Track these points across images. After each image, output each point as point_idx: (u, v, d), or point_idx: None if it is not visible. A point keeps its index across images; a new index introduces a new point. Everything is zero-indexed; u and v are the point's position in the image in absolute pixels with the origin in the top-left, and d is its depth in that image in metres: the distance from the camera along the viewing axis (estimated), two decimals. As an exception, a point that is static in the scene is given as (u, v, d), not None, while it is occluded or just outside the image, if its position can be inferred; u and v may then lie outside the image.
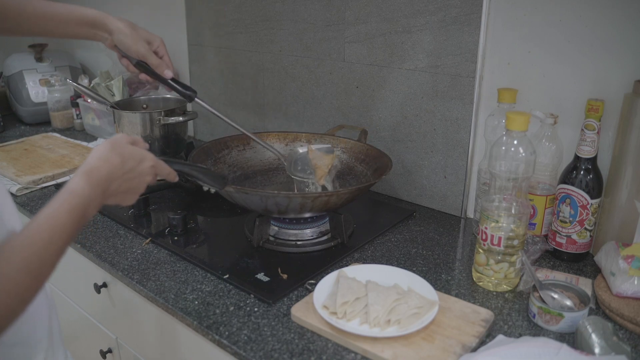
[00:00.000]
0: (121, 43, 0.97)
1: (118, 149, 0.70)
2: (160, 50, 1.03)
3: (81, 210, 0.62)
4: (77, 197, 0.62)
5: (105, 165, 0.67)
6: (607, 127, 0.99)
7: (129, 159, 0.71)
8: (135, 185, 0.73)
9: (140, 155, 0.73)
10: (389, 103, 1.29)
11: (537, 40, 1.05)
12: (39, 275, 0.57)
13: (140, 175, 0.73)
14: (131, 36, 0.97)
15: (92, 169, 0.66)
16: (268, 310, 0.89)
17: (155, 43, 1.02)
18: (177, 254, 1.06)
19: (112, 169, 0.68)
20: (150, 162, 0.75)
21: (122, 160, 0.69)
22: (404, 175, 1.32)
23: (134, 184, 0.73)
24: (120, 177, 0.69)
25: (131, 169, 0.71)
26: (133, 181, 0.72)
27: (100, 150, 0.69)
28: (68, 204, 0.61)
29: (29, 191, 1.38)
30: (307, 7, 1.38)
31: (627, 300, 0.86)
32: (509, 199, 0.90)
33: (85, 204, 0.63)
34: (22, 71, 1.99)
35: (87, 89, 1.53)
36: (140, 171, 0.73)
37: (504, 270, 0.92)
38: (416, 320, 0.81)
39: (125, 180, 0.70)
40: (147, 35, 1.00)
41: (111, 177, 0.68)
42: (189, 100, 1.09)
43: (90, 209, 0.64)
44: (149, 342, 1.11)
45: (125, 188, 0.71)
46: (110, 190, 0.68)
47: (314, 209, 1.00)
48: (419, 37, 1.19)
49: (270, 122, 1.60)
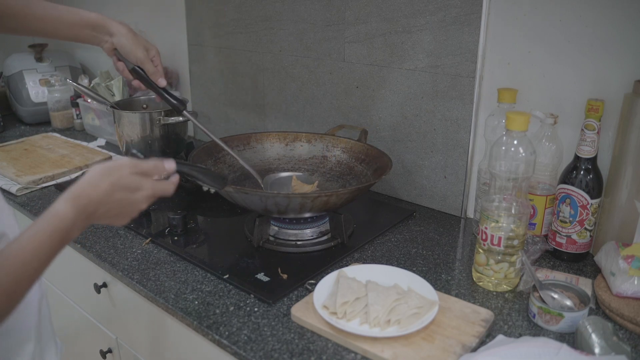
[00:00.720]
0: (122, 46, 0.98)
1: (111, 177, 0.68)
2: (155, 59, 1.04)
3: (63, 234, 0.63)
4: (60, 221, 0.63)
5: (93, 191, 0.66)
6: (607, 127, 0.99)
7: (120, 190, 0.68)
8: (127, 212, 0.71)
9: (135, 185, 0.70)
10: (389, 103, 1.29)
11: (537, 40, 1.05)
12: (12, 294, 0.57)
13: (133, 204, 0.71)
14: (132, 40, 0.98)
15: (80, 194, 0.66)
16: (268, 310, 0.89)
17: (152, 52, 1.03)
18: (177, 254, 1.06)
19: (100, 196, 0.66)
20: (146, 191, 0.72)
21: (112, 190, 0.67)
22: (404, 175, 1.32)
23: (124, 211, 0.71)
24: (106, 204, 0.67)
25: (120, 198, 0.69)
26: (123, 208, 0.70)
27: (92, 174, 0.67)
28: (51, 227, 0.61)
29: (29, 191, 1.38)
30: (307, 7, 1.38)
31: (627, 300, 0.86)
32: (509, 199, 0.90)
33: (67, 228, 0.63)
34: (22, 71, 1.99)
35: (87, 89, 1.53)
36: (132, 200, 0.70)
37: (504, 270, 0.92)
38: (416, 320, 0.81)
39: (112, 208, 0.69)
40: (145, 43, 1.02)
41: (98, 204, 0.67)
42: (178, 112, 1.10)
43: (73, 232, 0.64)
44: (149, 342, 1.11)
45: (115, 213, 0.70)
46: (96, 215, 0.67)
47: (314, 209, 1.00)
48: (419, 37, 1.19)
49: (270, 122, 1.60)
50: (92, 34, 0.98)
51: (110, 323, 1.23)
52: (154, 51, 1.03)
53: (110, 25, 0.97)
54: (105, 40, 0.99)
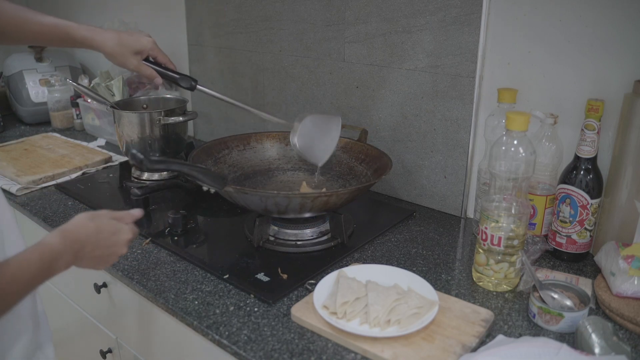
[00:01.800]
0: (112, 59, 1.00)
1: (96, 220, 0.78)
2: (152, 53, 1.04)
3: (50, 261, 0.68)
4: (48, 248, 0.69)
5: (81, 229, 0.75)
6: (607, 127, 0.99)
7: (104, 230, 0.78)
8: (108, 254, 0.80)
9: (116, 228, 0.81)
10: (389, 103, 1.29)
11: (537, 40, 1.05)
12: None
13: (114, 245, 0.80)
14: (119, 54, 1.00)
15: (69, 230, 0.74)
16: (268, 310, 0.89)
17: (145, 51, 1.03)
18: (177, 254, 1.06)
19: (87, 234, 0.75)
20: (126, 235, 0.82)
21: (97, 230, 0.77)
22: (404, 175, 1.32)
23: (106, 252, 0.79)
24: (93, 243, 0.76)
25: (105, 238, 0.78)
26: (106, 249, 0.79)
27: (81, 217, 0.77)
28: (39, 253, 0.67)
29: (29, 191, 1.38)
30: (307, 7, 1.38)
31: (627, 300, 0.86)
32: (509, 199, 0.90)
33: (54, 257, 0.69)
34: (22, 71, 1.99)
35: (87, 89, 1.53)
36: (114, 241, 0.80)
37: (504, 270, 0.92)
38: (416, 320, 0.81)
39: (97, 247, 0.77)
40: (134, 45, 1.01)
41: (85, 241, 0.75)
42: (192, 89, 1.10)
43: (60, 263, 0.70)
44: (149, 342, 1.11)
45: (98, 254, 0.78)
46: (82, 253, 0.74)
47: (314, 209, 1.00)
48: (419, 37, 1.19)
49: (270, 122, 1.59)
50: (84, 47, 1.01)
51: (110, 323, 1.23)
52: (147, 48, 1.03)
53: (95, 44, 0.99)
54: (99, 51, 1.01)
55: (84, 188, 1.39)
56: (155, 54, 1.04)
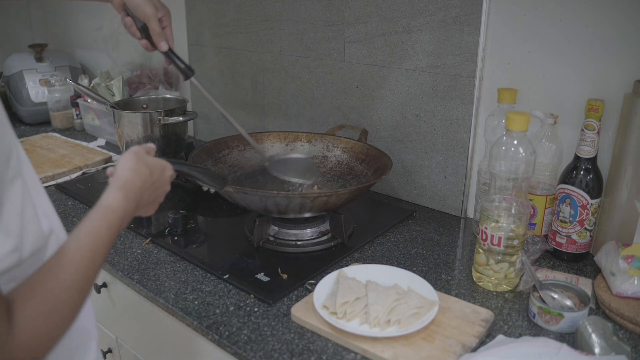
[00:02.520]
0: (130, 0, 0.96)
1: (143, 159, 0.70)
2: (165, 20, 1.00)
3: (119, 226, 0.62)
4: (114, 213, 0.62)
5: (138, 177, 0.68)
6: (607, 127, 0.99)
7: (155, 169, 0.71)
8: (159, 195, 0.74)
9: (161, 164, 0.74)
10: (389, 103, 1.29)
11: (537, 40, 1.05)
12: (84, 291, 0.57)
13: (163, 184, 0.74)
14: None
15: (126, 182, 0.66)
16: (268, 310, 0.89)
17: (162, 12, 1.00)
18: (177, 254, 1.06)
19: (144, 180, 0.68)
20: (170, 170, 0.76)
21: (150, 171, 0.70)
22: (404, 175, 1.32)
23: (158, 194, 0.73)
24: (149, 188, 0.70)
25: (157, 178, 0.72)
26: (158, 191, 0.73)
27: (129, 162, 0.68)
28: (107, 221, 0.61)
29: (29, 191, 1.38)
30: (307, 7, 1.38)
31: (627, 300, 0.86)
32: (509, 199, 0.90)
33: (122, 218, 0.63)
34: (22, 71, 1.99)
35: (87, 89, 1.53)
36: (163, 180, 0.74)
37: (504, 270, 0.92)
38: (416, 320, 0.81)
39: (152, 190, 0.71)
40: (156, 2, 0.98)
41: (143, 189, 0.68)
42: (185, 77, 1.07)
43: (125, 222, 0.65)
44: (149, 342, 1.11)
45: (152, 199, 0.72)
46: (142, 202, 0.69)
47: (314, 209, 1.00)
48: (419, 37, 1.19)
49: (270, 122, 1.60)
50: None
51: (110, 323, 1.23)
52: (163, 11, 1.00)
53: None
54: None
55: (84, 188, 1.39)
56: (166, 23, 1.01)
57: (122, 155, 0.70)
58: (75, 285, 0.55)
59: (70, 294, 0.54)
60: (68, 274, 0.54)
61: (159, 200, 0.75)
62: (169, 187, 0.76)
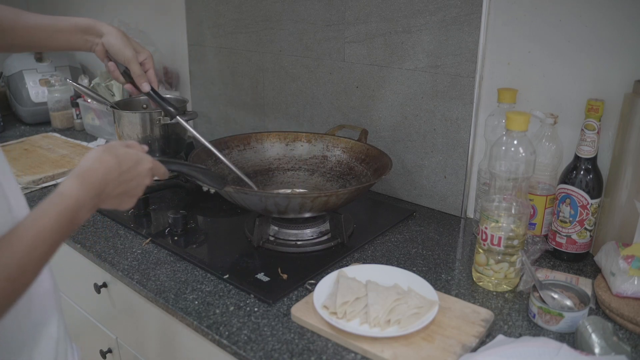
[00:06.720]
0: (110, 45, 0.98)
1: (113, 150, 0.68)
2: (147, 63, 1.03)
3: (71, 215, 0.59)
4: (67, 200, 0.59)
5: (100, 166, 0.65)
6: (607, 127, 0.99)
7: (125, 160, 0.68)
8: (133, 188, 0.70)
9: (136, 156, 0.70)
10: (389, 103, 1.29)
11: (537, 40, 1.05)
12: (17, 281, 0.54)
13: (138, 176, 0.70)
14: (121, 39, 0.98)
15: (86, 170, 0.64)
16: (268, 310, 0.89)
17: (143, 55, 1.02)
18: (177, 254, 1.06)
19: (108, 170, 0.65)
20: (147, 164, 0.72)
21: (117, 161, 0.67)
22: (404, 175, 1.32)
23: (131, 187, 0.70)
24: (116, 179, 0.66)
25: (128, 169, 0.68)
26: (130, 183, 0.69)
27: (95, 152, 0.66)
28: (56, 208, 0.58)
29: (29, 191, 1.38)
30: (307, 7, 1.38)
31: (627, 300, 0.86)
32: (509, 199, 0.90)
33: (75, 207, 0.60)
34: (22, 71, 1.99)
35: (87, 89, 1.53)
36: (137, 172, 0.70)
37: (504, 270, 0.92)
38: (416, 320, 0.81)
39: (121, 182, 0.68)
40: (136, 46, 1.01)
41: (107, 179, 0.65)
42: (171, 118, 1.10)
43: (82, 213, 0.62)
44: (149, 342, 1.11)
45: (122, 190, 0.68)
46: (105, 193, 0.65)
47: (314, 209, 1.00)
48: (419, 37, 1.19)
49: (270, 122, 1.60)
50: (84, 38, 0.98)
51: (110, 323, 1.23)
52: (145, 54, 1.02)
53: (100, 26, 0.97)
54: (97, 43, 0.98)
55: (84, 188, 1.39)
56: (148, 66, 1.03)
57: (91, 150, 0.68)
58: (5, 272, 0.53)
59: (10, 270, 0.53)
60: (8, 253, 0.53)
61: (135, 193, 0.71)
62: (147, 180, 0.72)
